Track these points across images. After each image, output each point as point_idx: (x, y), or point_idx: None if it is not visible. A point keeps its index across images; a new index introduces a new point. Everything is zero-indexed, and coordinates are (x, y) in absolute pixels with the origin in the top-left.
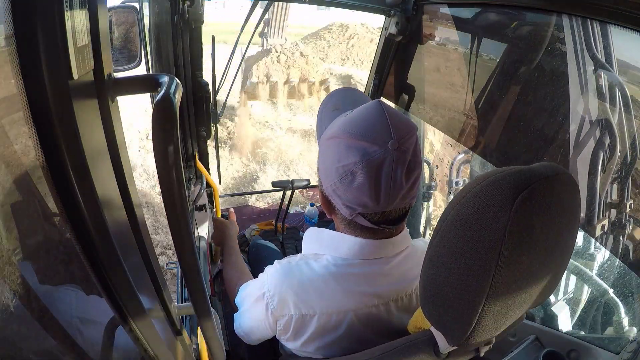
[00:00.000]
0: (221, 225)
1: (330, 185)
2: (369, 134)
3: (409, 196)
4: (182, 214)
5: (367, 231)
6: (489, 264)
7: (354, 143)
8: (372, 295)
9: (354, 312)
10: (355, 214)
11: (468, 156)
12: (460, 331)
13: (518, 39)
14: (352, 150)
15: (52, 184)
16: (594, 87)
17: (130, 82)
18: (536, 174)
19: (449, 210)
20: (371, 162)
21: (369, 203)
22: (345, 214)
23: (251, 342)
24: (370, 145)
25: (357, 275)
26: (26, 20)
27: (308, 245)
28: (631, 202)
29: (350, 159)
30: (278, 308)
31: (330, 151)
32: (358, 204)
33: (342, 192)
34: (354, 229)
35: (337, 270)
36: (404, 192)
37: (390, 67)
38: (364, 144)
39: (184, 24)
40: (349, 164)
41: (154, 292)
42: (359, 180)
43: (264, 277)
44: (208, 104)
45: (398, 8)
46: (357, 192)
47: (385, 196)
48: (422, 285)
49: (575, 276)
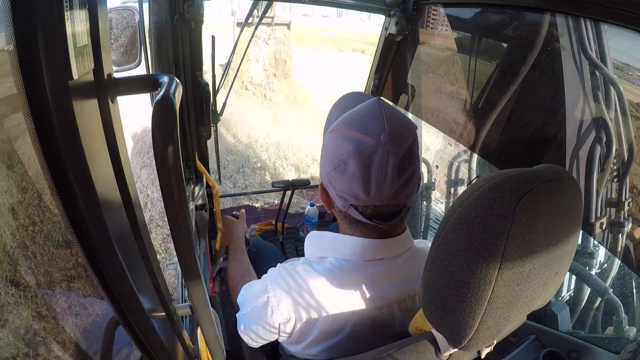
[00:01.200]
0: (230, 223)
1: (326, 175)
2: (364, 126)
3: (402, 193)
4: (182, 214)
5: (363, 227)
6: (492, 267)
7: (350, 134)
8: (376, 297)
9: (357, 314)
10: (348, 206)
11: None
12: (462, 334)
13: (518, 39)
14: (348, 140)
15: (52, 184)
16: (590, 87)
17: (130, 82)
18: (539, 176)
19: (451, 212)
20: (363, 152)
21: (360, 194)
22: (339, 205)
23: (254, 345)
24: (364, 137)
25: (361, 277)
26: (26, 20)
27: (310, 249)
28: (630, 201)
29: (345, 148)
30: (282, 312)
31: (329, 142)
32: (350, 195)
33: (336, 182)
34: (350, 224)
35: (341, 272)
36: (397, 187)
37: (390, 67)
38: (358, 135)
39: (184, 24)
40: (343, 154)
41: (154, 292)
42: (350, 170)
43: (267, 280)
44: (208, 104)
45: (398, 8)
46: (349, 181)
47: (375, 188)
48: (424, 287)
49: (575, 276)
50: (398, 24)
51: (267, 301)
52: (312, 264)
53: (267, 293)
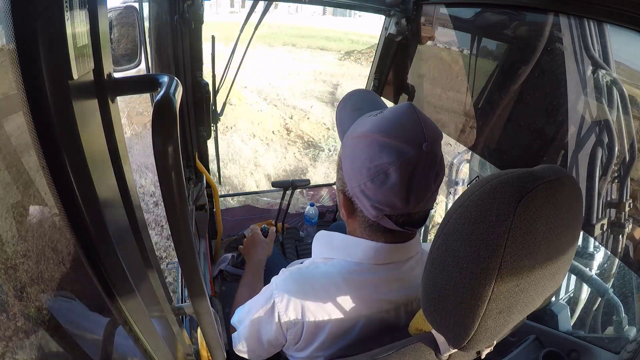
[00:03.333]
0: (256, 241)
1: (358, 186)
2: (404, 135)
3: (432, 198)
4: (182, 214)
5: (388, 234)
6: (491, 268)
7: (388, 142)
8: (384, 300)
9: (365, 317)
10: (382, 216)
11: (467, 156)
12: (462, 335)
13: (518, 39)
14: (386, 149)
15: (52, 184)
16: (592, 87)
17: (130, 82)
18: (539, 177)
19: (451, 213)
20: (406, 163)
21: (397, 204)
22: (371, 216)
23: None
24: (405, 146)
25: (370, 281)
26: (26, 20)
27: (318, 249)
28: (631, 201)
29: (384, 158)
30: (290, 317)
31: (359, 150)
32: (387, 205)
33: (372, 193)
34: (374, 231)
35: (350, 275)
36: (430, 194)
37: (390, 67)
38: (398, 144)
39: (183, 24)
40: (382, 164)
41: (153, 292)
42: (392, 181)
43: (272, 287)
44: (208, 104)
45: (398, 8)
46: (389, 192)
47: (415, 197)
48: (424, 288)
49: (575, 276)
50: (398, 24)
51: (273, 307)
52: (320, 267)
53: (272, 299)
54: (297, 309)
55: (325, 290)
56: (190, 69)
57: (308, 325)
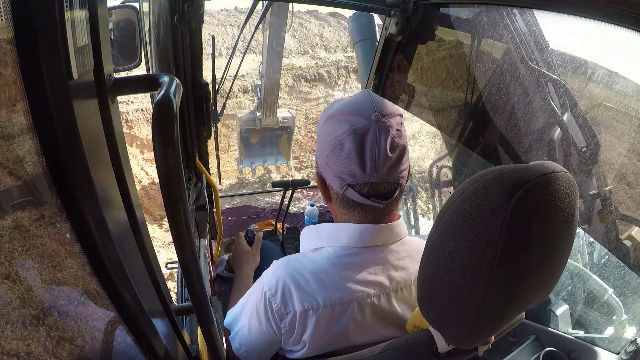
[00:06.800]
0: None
1: (324, 159)
2: (356, 110)
3: (396, 170)
4: (182, 214)
5: (360, 210)
6: (486, 263)
7: (344, 117)
8: (374, 283)
9: (356, 302)
10: (345, 186)
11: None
12: (458, 331)
13: (517, 39)
14: (342, 123)
15: (52, 184)
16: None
17: (130, 82)
18: (533, 172)
19: (446, 208)
20: (357, 131)
21: (357, 171)
22: (337, 187)
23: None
24: (357, 118)
25: (358, 264)
26: (26, 20)
27: (306, 242)
28: (630, 201)
29: (339, 130)
30: (281, 305)
31: (325, 130)
32: (347, 173)
33: (333, 163)
34: (348, 208)
35: (338, 260)
36: (390, 163)
37: (390, 67)
38: (351, 117)
39: (183, 24)
40: (338, 135)
41: (154, 292)
42: (347, 148)
43: (262, 281)
44: (208, 104)
45: (398, 8)
46: (346, 159)
47: (370, 163)
48: (420, 283)
49: (575, 276)
50: (398, 24)
51: (264, 298)
52: (309, 255)
53: (263, 290)
54: (288, 297)
55: (314, 276)
56: (190, 69)
57: (300, 313)
